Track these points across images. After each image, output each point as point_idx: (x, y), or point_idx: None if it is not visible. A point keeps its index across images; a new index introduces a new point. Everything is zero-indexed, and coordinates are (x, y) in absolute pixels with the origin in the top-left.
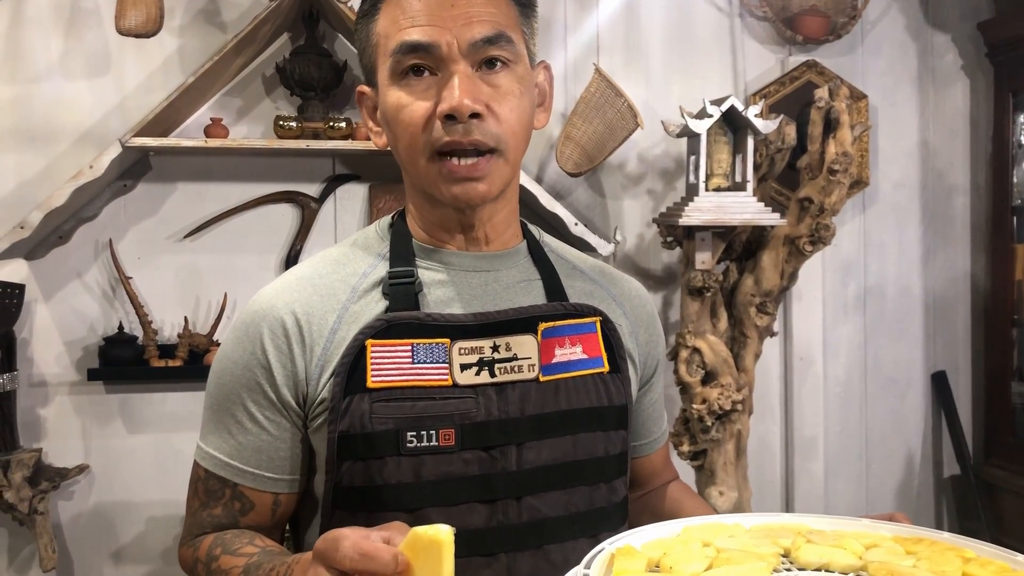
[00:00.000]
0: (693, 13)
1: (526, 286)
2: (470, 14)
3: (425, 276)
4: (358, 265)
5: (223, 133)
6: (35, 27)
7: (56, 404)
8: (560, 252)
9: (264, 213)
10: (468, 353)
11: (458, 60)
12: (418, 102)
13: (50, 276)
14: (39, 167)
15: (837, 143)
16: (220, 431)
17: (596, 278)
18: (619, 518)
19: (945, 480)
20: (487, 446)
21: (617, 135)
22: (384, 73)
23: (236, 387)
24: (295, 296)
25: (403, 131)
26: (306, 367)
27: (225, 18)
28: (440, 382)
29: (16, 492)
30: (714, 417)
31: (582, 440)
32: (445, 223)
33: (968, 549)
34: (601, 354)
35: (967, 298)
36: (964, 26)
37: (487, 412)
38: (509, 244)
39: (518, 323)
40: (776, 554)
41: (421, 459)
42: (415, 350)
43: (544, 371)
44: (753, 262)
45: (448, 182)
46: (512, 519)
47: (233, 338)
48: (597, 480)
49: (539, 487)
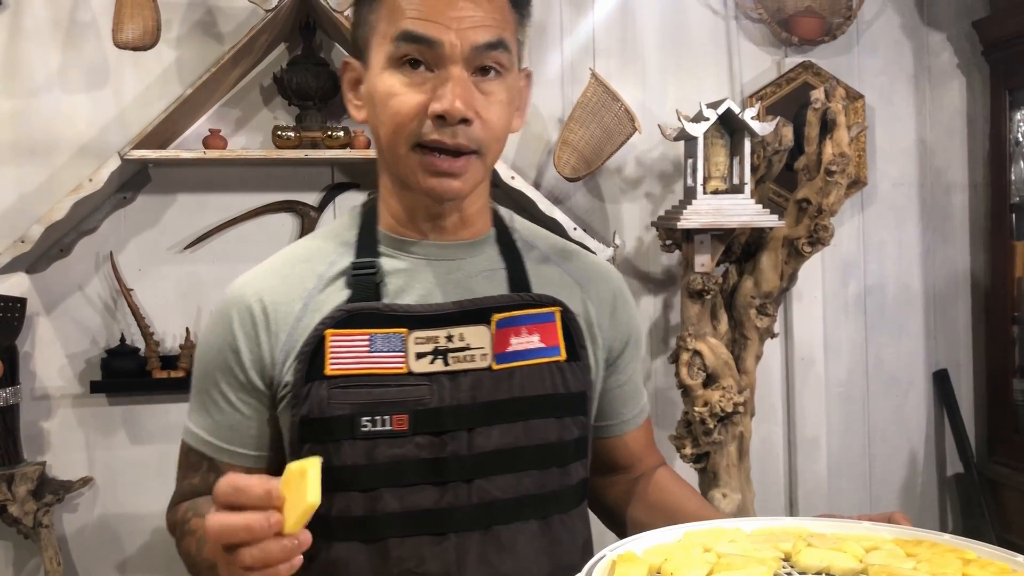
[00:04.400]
0: (688, 16)
1: (489, 276)
2: (475, 17)
3: (388, 266)
4: (327, 254)
5: (222, 144)
6: (33, 41)
7: (59, 417)
8: (528, 237)
9: (264, 223)
10: (423, 343)
11: (457, 61)
12: (411, 94)
13: (51, 289)
14: (39, 180)
15: (834, 144)
16: (200, 410)
17: (561, 261)
18: (573, 501)
19: (948, 478)
20: (439, 431)
21: (614, 139)
22: (380, 55)
23: (212, 369)
24: (264, 284)
25: (390, 118)
26: (272, 352)
27: (222, 29)
28: (396, 370)
29: (20, 506)
30: (716, 419)
31: (534, 426)
32: (415, 211)
33: (969, 550)
34: (559, 343)
35: (967, 296)
36: (959, 24)
37: (440, 399)
38: (478, 233)
39: (472, 314)
40: (777, 558)
41: (375, 443)
42: (373, 339)
43: (498, 360)
44: (752, 264)
45: (426, 174)
46: (462, 501)
47: (210, 324)
48: (549, 464)
49: (489, 470)
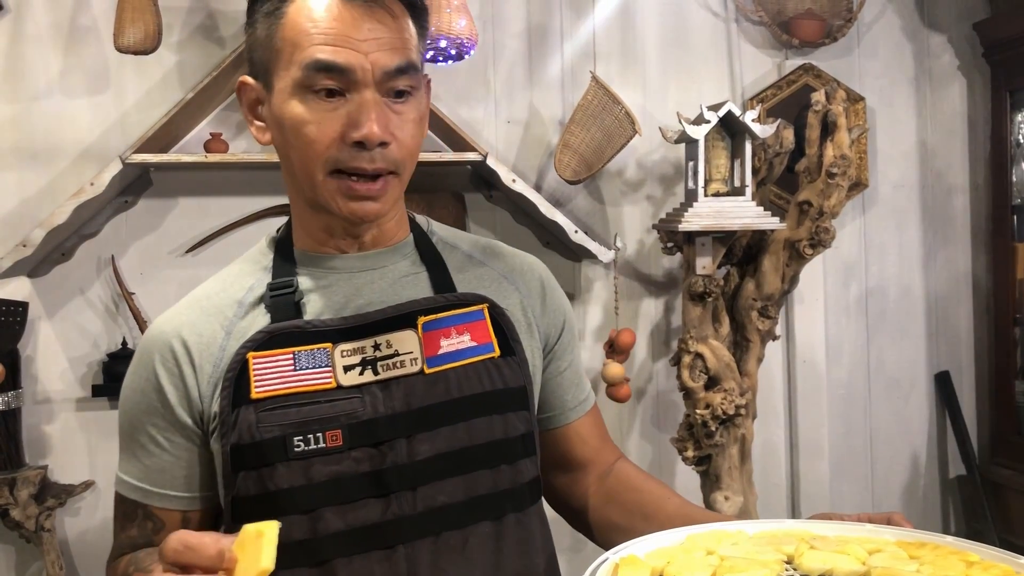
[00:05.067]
0: (689, 19)
1: (412, 280)
2: (382, 40)
3: (307, 283)
4: (245, 280)
5: (223, 148)
6: (35, 45)
7: (61, 421)
8: (448, 239)
9: (265, 226)
10: (350, 355)
11: (369, 85)
12: (325, 122)
13: (53, 293)
14: (40, 185)
15: (835, 146)
16: (129, 456)
17: (483, 258)
18: (528, 497)
19: (951, 480)
20: (376, 442)
21: (615, 142)
22: (286, 80)
23: (137, 413)
24: (183, 320)
25: (304, 145)
26: (198, 386)
27: (223, 33)
28: (324, 385)
29: (23, 510)
30: (718, 422)
31: (476, 425)
32: (332, 230)
33: (972, 553)
34: (491, 340)
35: (969, 298)
36: (960, 26)
37: (373, 409)
38: (394, 239)
39: (397, 320)
40: (780, 561)
41: (310, 461)
42: (296, 357)
43: (429, 363)
44: (754, 266)
45: (345, 199)
46: (407, 510)
47: (132, 368)
48: (498, 463)
49: (433, 476)
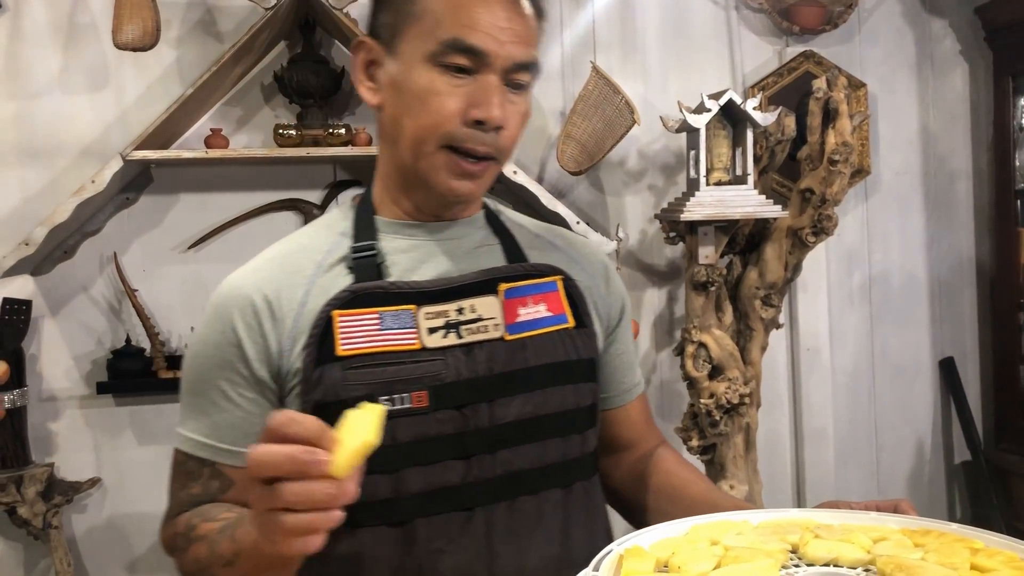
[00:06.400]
0: (688, 7)
1: (487, 250)
2: (518, 32)
3: (388, 247)
4: (322, 243)
5: (223, 143)
6: (34, 43)
7: (67, 418)
8: (517, 220)
9: (267, 221)
10: (434, 317)
11: (497, 71)
12: (452, 96)
13: (56, 291)
14: (42, 183)
15: (836, 133)
16: (196, 414)
17: (552, 239)
18: (591, 468)
19: (956, 466)
20: (459, 405)
21: (616, 132)
22: (417, 48)
23: (210, 368)
24: (262, 276)
25: (426, 115)
26: (279, 340)
27: (222, 28)
28: (409, 346)
29: (30, 507)
30: (722, 411)
31: (552, 394)
32: (420, 202)
33: (976, 540)
34: (565, 311)
35: (973, 283)
36: (962, 11)
37: (456, 372)
38: (469, 214)
39: (480, 285)
40: (784, 550)
41: (396, 421)
42: (382, 317)
43: (509, 330)
44: (756, 255)
45: (450, 174)
46: (487, 473)
47: (205, 323)
48: (569, 432)
49: (512, 441)
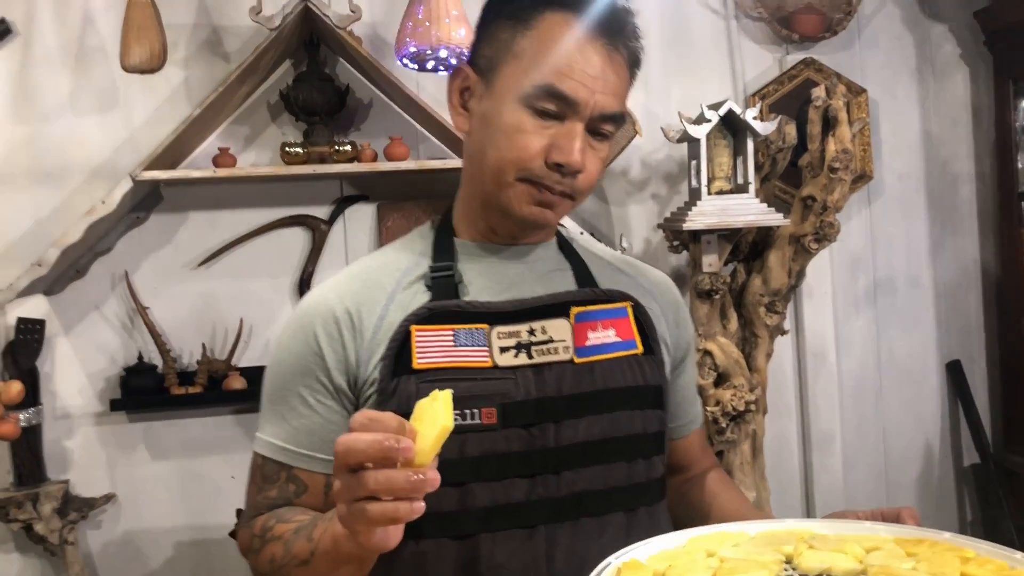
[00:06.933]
0: (688, 17)
1: (559, 275)
2: (608, 83)
3: (465, 269)
4: (402, 262)
5: (231, 162)
6: (44, 67)
7: (81, 435)
8: (588, 247)
9: (276, 237)
10: (506, 337)
11: (584, 119)
12: (537, 137)
13: (69, 310)
14: (53, 204)
15: (836, 140)
16: (276, 419)
17: (624, 268)
18: (656, 494)
19: (965, 469)
20: (526, 424)
21: (618, 143)
22: (514, 88)
23: (291, 375)
24: (345, 290)
25: (510, 150)
26: (357, 351)
27: (228, 48)
28: (481, 363)
29: (46, 524)
30: (728, 418)
31: (619, 418)
32: (498, 226)
33: (968, 548)
34: (634, 337)
35: (978, 286)
36: (961, 15)
37: (526, 392)
38: (544, 240)
39: (552, 308)
40: (779, 561)
41: (465, 436)
42: (457, 334)
43: (579, 353)
44: (760, 262)
45: (528, 203)
46: (551, 493)
47: (288, 333)
48: (635, 456)
49: (577, 462)
